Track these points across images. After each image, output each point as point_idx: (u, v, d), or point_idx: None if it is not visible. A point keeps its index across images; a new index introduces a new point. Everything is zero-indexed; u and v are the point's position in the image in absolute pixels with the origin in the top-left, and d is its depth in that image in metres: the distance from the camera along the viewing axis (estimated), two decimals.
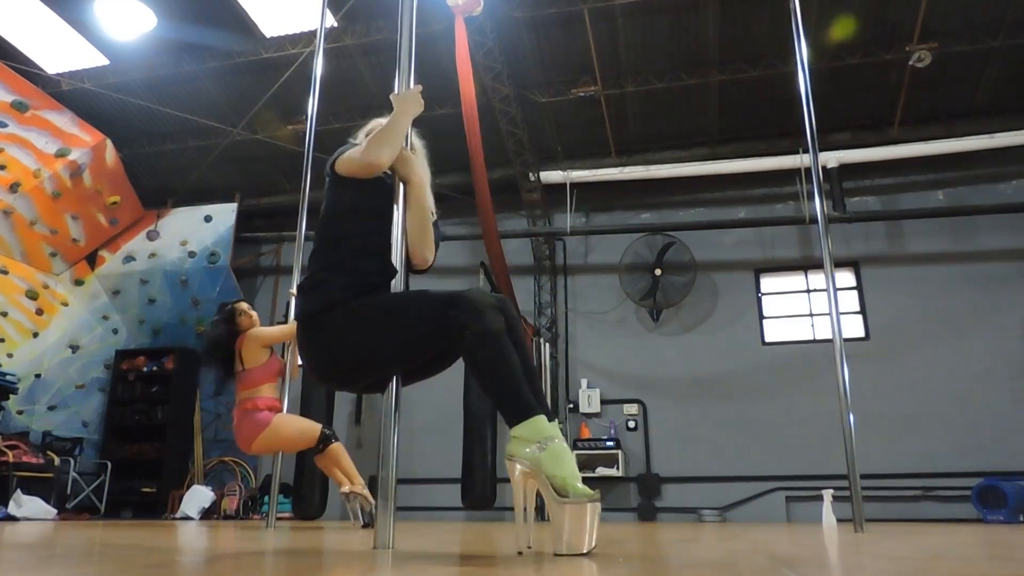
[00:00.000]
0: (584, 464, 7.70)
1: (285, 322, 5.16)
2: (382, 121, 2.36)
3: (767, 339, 8.07)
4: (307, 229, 4.91)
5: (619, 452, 7.63)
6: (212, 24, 6.92)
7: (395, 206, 2.19)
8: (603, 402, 8.13)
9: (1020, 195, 7.73)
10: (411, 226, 2.22)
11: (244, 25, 6.92)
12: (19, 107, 6.97)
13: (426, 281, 2.30)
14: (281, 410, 4.41)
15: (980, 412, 7.18)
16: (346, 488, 4.33)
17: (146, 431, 8.42)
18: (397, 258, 2.13)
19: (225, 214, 8.73)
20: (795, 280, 8.33)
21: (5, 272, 7.71)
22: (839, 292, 4.64)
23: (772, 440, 7.55)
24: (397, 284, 2.09)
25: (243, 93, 7.79)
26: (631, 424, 8.01)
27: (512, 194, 8.47)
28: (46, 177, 7.58)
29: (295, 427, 4.29)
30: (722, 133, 8.15)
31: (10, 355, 7.58)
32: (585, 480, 1.52)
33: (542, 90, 7.57)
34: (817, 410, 7.31)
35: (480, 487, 6.96)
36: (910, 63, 6.76)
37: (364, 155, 2.11)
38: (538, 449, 1.65)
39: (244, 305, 4.51)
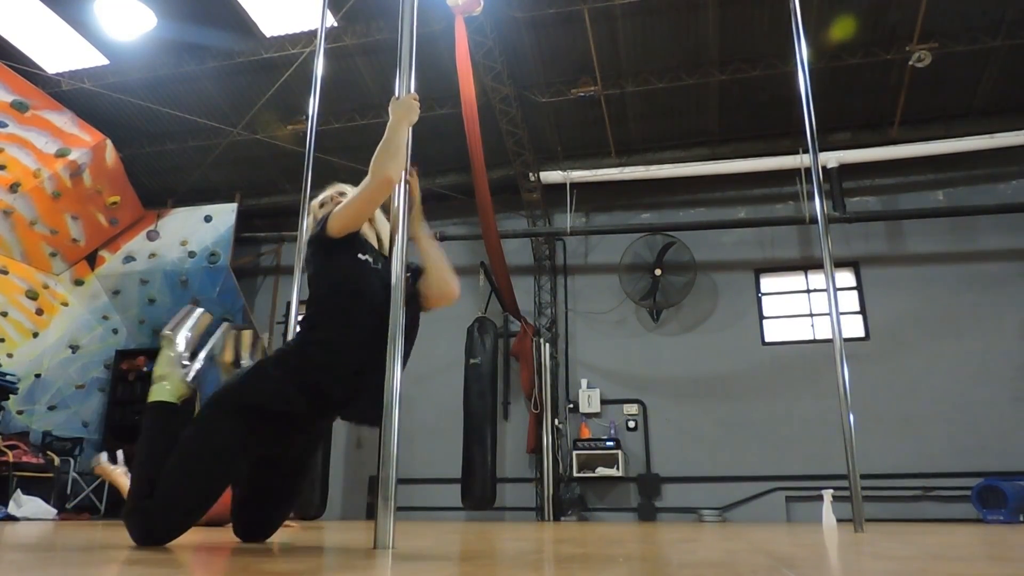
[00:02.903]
0: (584, 464, 7.71)
1: (284, 323, 5.14)
2: (345, 188, 2.32)
3: (767, 339, 8.07)
4: (307, 229, 4.90)
5: (619, 452, 7.63)
6: (212, 24, 6.92)
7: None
8: (603, 402, 8.13)
9: (1020, 195, 7.72)
10: (432, 265, 2.21)
11: (244, 25, 6.92)
12: (19, 107, 6.97)
13: None
14: None
15: (980, 412, 7.18)
16: None
17: None
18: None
19: (225, 214, 8.72)
20: (795, 280, 8.32)
21: (5, 272, 7.70)
22: (839, 292, 4.64)
23: (772, 440, 7.55)
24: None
25: (243, 93, 7.78)
26: (631, 424, 8.00)
27: (512, 194, 8.47)
28: (46, 177, 7.58)
29: None
30: (722, 133, 8.14)
31: (10, 355, 7.58)
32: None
33: (542, 90, 7.57)
34: (817, 410, 7.31)
35: (480, 487, 6.96)
36: (910, 63, 6.75)
37: (372, 175, 2.03)
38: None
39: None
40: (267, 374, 2.00)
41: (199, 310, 2.32)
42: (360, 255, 2.10)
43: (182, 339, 2.18)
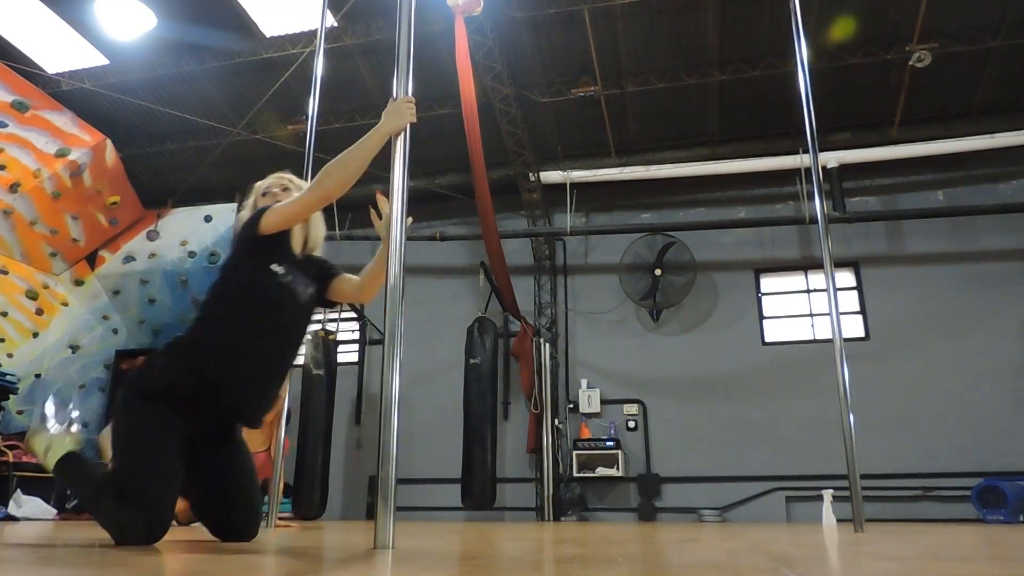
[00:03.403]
0: (584, 464, 7.70)
1: None
2: (290, 177, 2.39)
3: (767, 339, 8.07)
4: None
5: (619, 452, 7.63)
6: (212, 24, 6.92)
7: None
8: (603, 402, 8.13)
9: (1020, 195, 7.72)
10: (377, 269, 2.25)
11: (244, 25, 6.92)
12: (19, 107, 6.96)
13: (428, 280, 2.30)
14: (263, 459, 4.89)
15: (980, 412, 7.18)
16: None
17: None
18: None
19: (225, 214, 8.70)
20: (795, 280, 8.32)
21: (5, 272, 7.70)
22: (839, 292, 4.64)
23: (772, 440, 7.55)
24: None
25: (243, 93, 7.78)
26: (631, 424, 8.00)
27: (512, 194, 8.46)
28: (46, 177, 7.57)
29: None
30: (722, 133, 8.14)
31: (10, 355, 7.57)
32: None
33: (542, 90, 7.57)
34: (817, 410, 7.31)
35: (480, 487, 6.96)
36: (910, 63, 6.75)
37: (316, 184, 2.04)
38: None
39: None
40: (155, 366, 2.08)
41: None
42: (273, 265, 2.13)
43: (48, 423, 2.36)
